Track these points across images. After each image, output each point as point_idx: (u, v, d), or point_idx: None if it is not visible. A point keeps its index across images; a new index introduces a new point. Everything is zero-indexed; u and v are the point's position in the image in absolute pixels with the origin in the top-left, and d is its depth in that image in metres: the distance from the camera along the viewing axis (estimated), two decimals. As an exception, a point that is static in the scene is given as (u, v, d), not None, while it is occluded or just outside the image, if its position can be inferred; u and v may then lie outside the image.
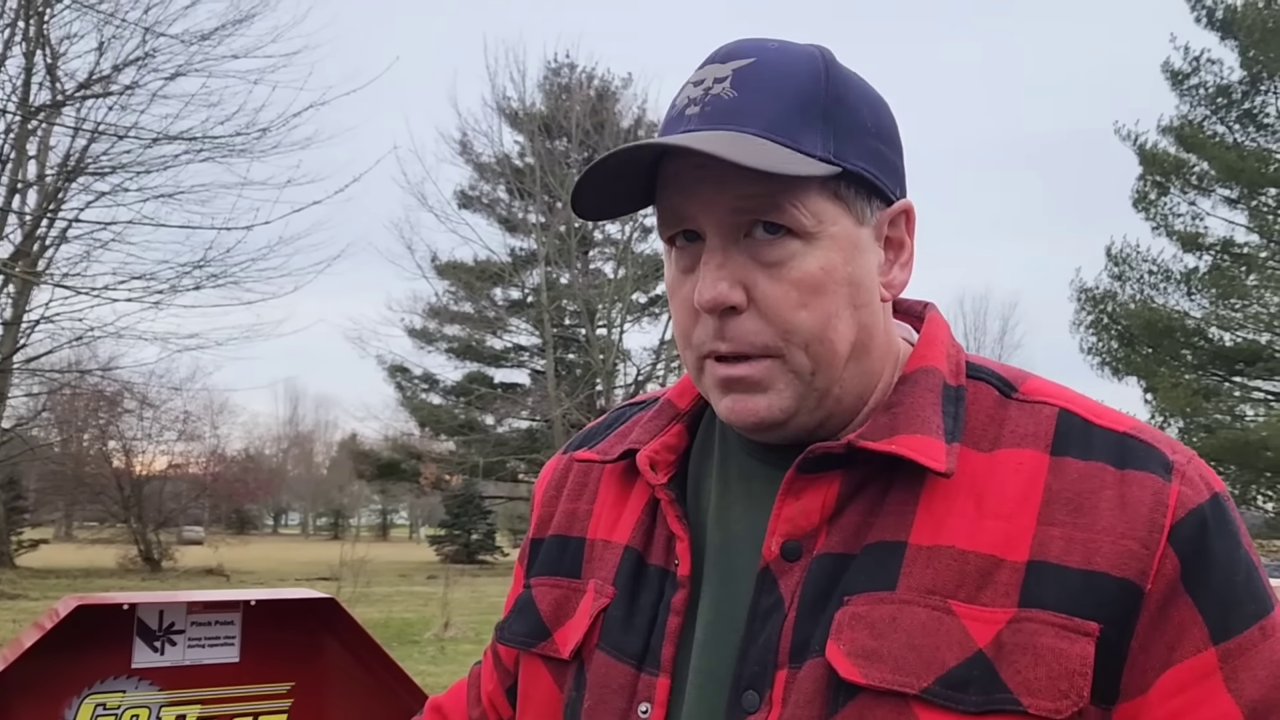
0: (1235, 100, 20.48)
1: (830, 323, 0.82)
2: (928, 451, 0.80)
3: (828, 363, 0.83)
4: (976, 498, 0.80)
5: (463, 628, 12.29)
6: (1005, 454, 0.82)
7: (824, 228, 0.82)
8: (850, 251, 0.83)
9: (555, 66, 29.57)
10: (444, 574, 16.61)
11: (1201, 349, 20.76)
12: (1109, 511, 0.77)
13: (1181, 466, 0.80)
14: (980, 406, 0.85)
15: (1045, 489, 0.79)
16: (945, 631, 0.76)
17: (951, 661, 0.75)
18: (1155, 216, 21.12)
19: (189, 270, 15.14)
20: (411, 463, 31.14)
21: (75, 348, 17.26)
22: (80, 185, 15.23)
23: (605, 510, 0.98)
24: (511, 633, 0.99)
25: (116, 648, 2.00)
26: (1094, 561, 0.76)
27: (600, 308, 28.14)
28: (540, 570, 1.00)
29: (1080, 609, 0.75)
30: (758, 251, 0.82)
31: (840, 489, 0.83)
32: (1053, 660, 0.74)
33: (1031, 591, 0.76)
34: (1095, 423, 0.83)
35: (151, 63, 14.55)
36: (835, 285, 0.82)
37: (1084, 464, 0.80)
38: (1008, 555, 0.77)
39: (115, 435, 26.01)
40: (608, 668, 0.88)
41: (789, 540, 0.83)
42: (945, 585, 0.77)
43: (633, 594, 0.90)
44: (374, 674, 2.19)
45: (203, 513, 36.37)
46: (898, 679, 0.75)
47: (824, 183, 0.82)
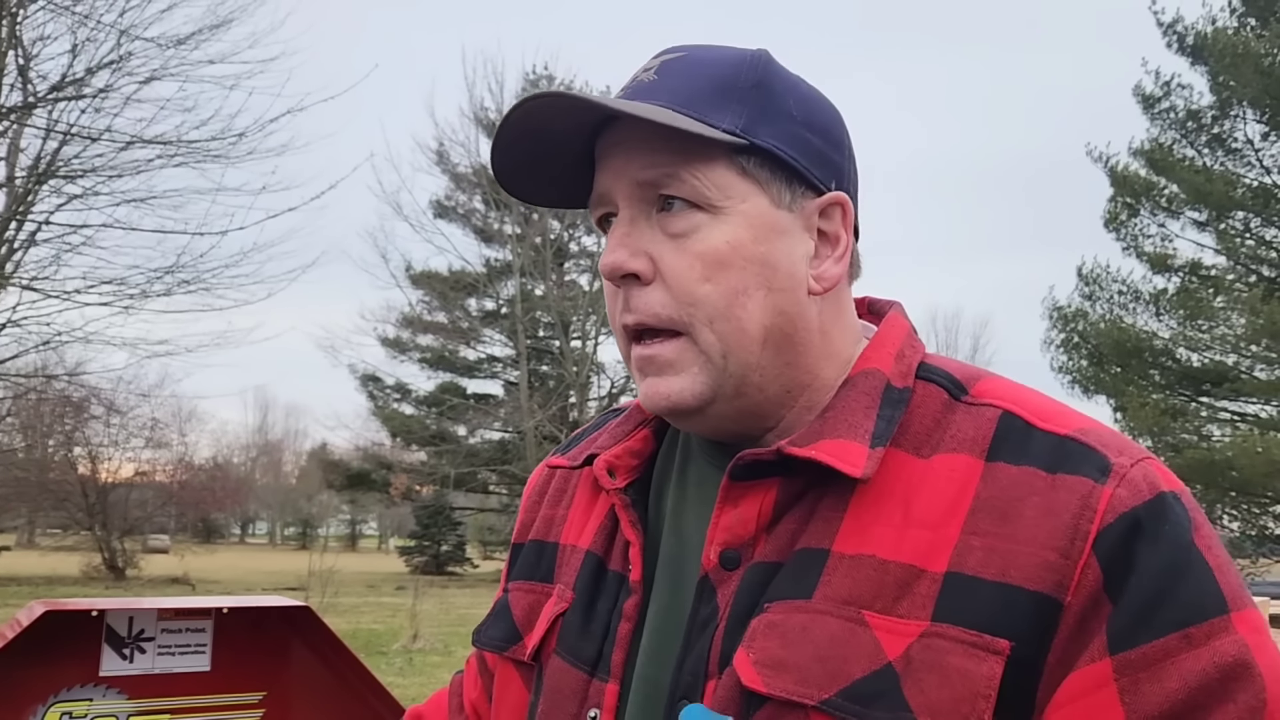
0: (1205, 125, 20.78)
1: (736, 299, 0.81)
2: (846, 456, 0.79)
3: (737, 343, 0.82)
4: (906, 505, 0.78)
5: (431, 639, 12.19)
6: (941, 460, 0.79)
7: (732, 203, 0.81)
8: (763, 231, 0.82)
9: (534, 78, 29.60)
10: (413, 585, 16.49)
11: (1169, 369, 21.00)
12: (1032, 520, 0.74)
13: (1123, 469, 0.75)
14: (926, 410, 0.83)
15: (975, 497, 0.76)
16: (856, 643, 0.74)
17: (857, 674, 0.73)
18: (1125, 237, 21.38)
19: (160, 275, 15.05)
20: (382, 473, 30.94)
21: (42, 352, 17.01)
22: (51, 188, 15.06)
23: (577, 515, 0.98)
24: (487, 637, 1.00)
25: (84, 655, 1.97)
26: (1009, 574, 0.73)
27: (575, 320, 28.13)
28: (518, 575, 1.01)
29: (992, 625, 0.72)
30: (665, 223, 0.82)
31: (778, 496, 0.81)
32: (959, 681, 0.71)
33: (945, 605, 0.73)
34: (1037, 426, 0.79)
35: (126, 66, 14.45)
36: (743, 262, 0.81)
37: (1016, 470, 0.77)
38: (928, 566, 0.75)
39: (81, 441, 25.68)
40: (561, 673, 0.89)
41: (727, 549, 0.82)
42: (862, 595, 0.76)
43: (590, 599, 0.90)
44: (347, 683, 2.17)
45: (169, 521, 35.90)
46: (799, 690, 0.74)
47: (731, 158, 0.81)
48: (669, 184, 0.81)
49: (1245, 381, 19.84)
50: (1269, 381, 19.59)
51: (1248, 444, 18.06)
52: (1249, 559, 20.76)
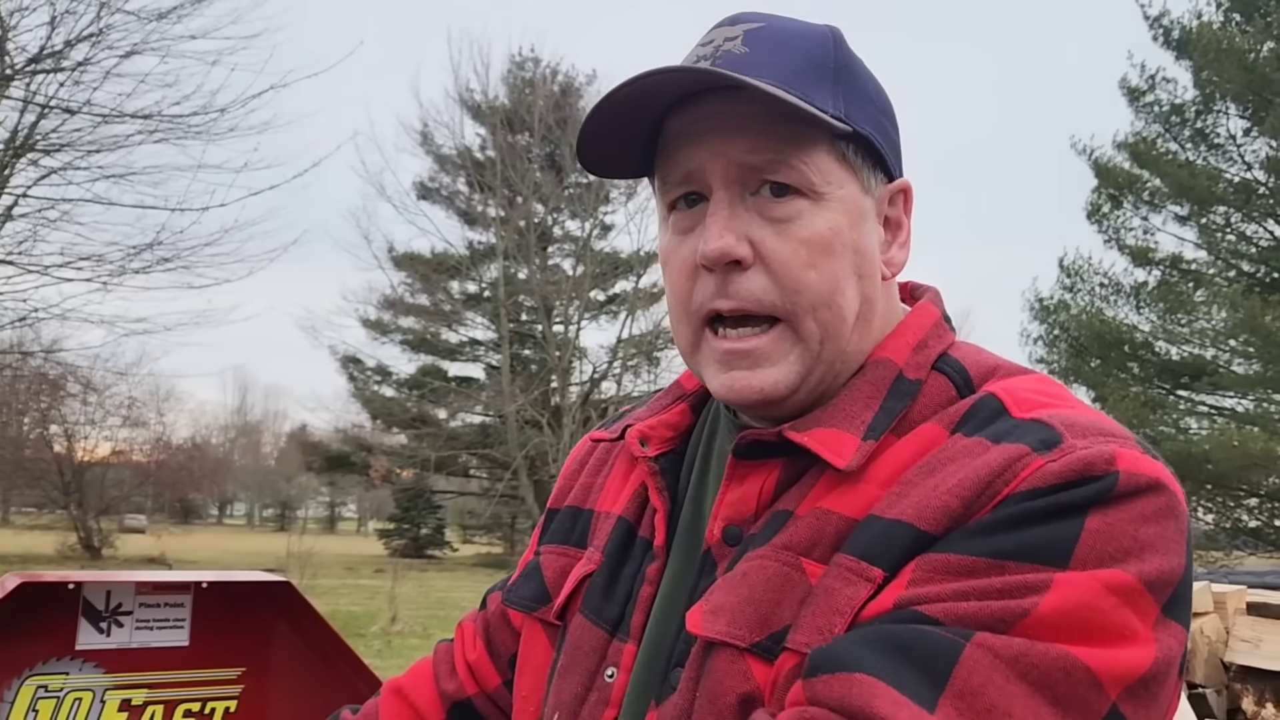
0: (1188, 119, 20.91)
1: (839, 286, 0.81)
2: (836, 447, 0.79)
3: (835, 331, 0.82)
4: (872, 479, 0.79)
5: (410, 622, 12.19)
6: (917, 430, 0.80)
7: (832, 189, 0.81)
8: (856, 218, 0.82)
9: (519, 60, 29.50)
10: (392, 568, 16.48)
11: (1149, 362, 21.17)
12: (951, 473, 0.74)
13: (1073, 448, 0.72)
14: (931, 401, 0.83)
15: (924, 459, 0.77)
16: (790, 587, 0.76)
17: (787, 619, 0.75)
18: (1108, 230, 21.52)
19: (139, 252, 14.91)
20: (362, 455, 30.87)
21: (18, 328, 16.87)
22: (29, 161, 14.89)
23: (613, 484, 1.00)
24: (517, 596, 1.01)
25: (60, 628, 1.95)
26: (905, 513, 0.74)
27: (558, 304, 28.08)
28: (551, 539, 1.03)
29: (871, 556, 0.73)
30: (765, 208, 0.80)
31: (780, 476, 0.82)
32: (825, 599, 0.73)
33: (850, 542, 0.75)
34: (1010, 410, 0.78)
35: (106, 39, 14.29)
36: (842, 249, 0.81)
37: (968, 439, 0.77)
38: (859, 515, 0.77)
39: (57, 419, 25.49)
40: (583, 631, 0.91)
41: (730, 525, 0.83)
42: (801, 543, 0.77)
43: (618, 563, 0.92)
44: (328, 661, 2.15)
45: (146, 501, 35.74)
46: (731, 631, 0.76)
47: (832, 143, 0.81)
48: (777, 169, 0.80)
49: (1223, 375, 20.03)
50: (1246, 376, 19.78)
51: (1224, 437, 18.25)
52: (1223, 551, 20.99)
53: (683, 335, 0.86)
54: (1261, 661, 5.13)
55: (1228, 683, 5.21)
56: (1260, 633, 5.19)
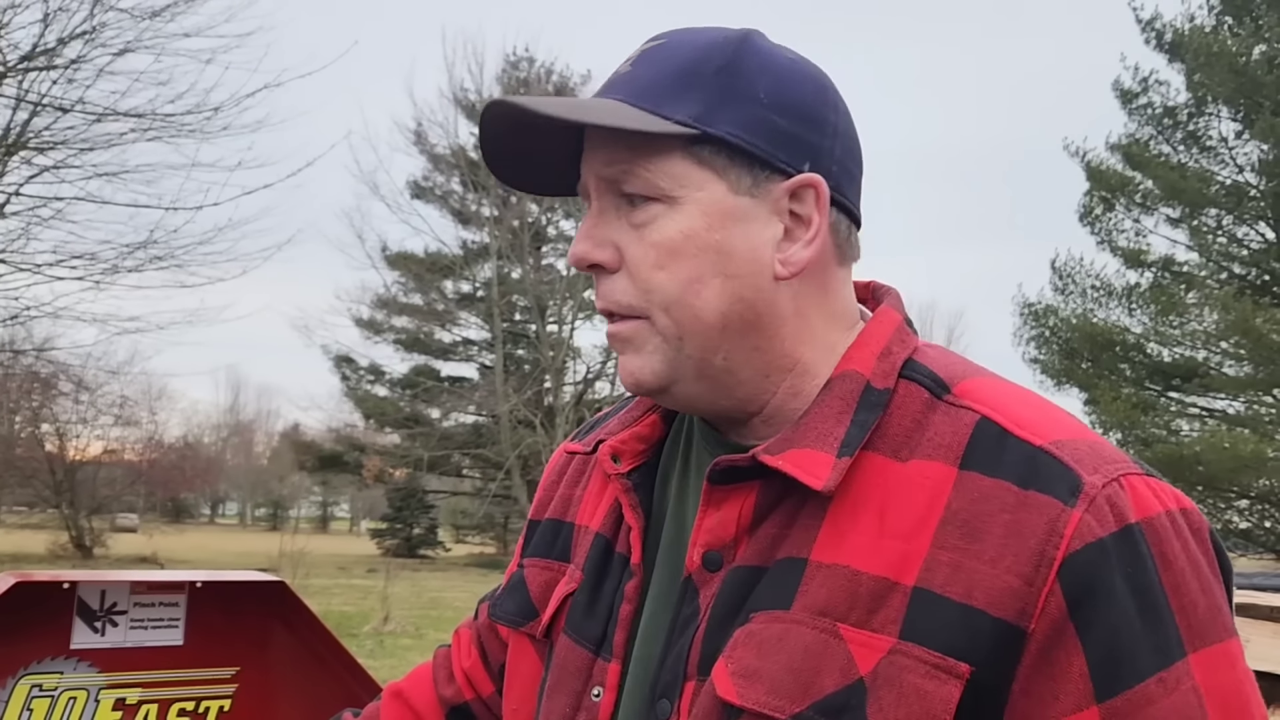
0: (1180, 121, 20.98)
1: (691, 287, 0.82)
2: (810, 468, 0.78)
3: (691, 329, 0.82)
4: (880, 514, 0.77)
5: (402, 622, 12.18)
6: (916, 465, 0.78)
7: (687, 192, 0.81)
8: (718, 219, 0.82)
9: (514, 60, 29.49)
10: (384, 568, 16.47)
11: (1140, 364, 21.25)
12: (998, 539, 0.73)
13: (1093, 491, 0.73)
14: (906, 411, 0.81)
15: (945, 507, 0.75)
16: (829, 655, 0.74)
17: (830, 688, 0.73)
18: (1100, 232, 21.59)
19: (132, 251, 14.86)
20: (354, 455, 30.84)
21: (9, 327, 16.80)
22: (21, 159, 14.85)
23: (590, 497, 0.99)
24: (503, 610, 1.02)
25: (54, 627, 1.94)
26: (974, 596, 0.72)
27: (551, 304, 28.08)
28: (534, 551, 1.03)
29: (954, 648, 0.72)
30: (630, 215, 0.84)
31: (758, 500, 0.81)
32: (915, 701, 0.71)
33: (912, 622, 0.73)
34: (1014, 433, 0.77)
35: (99, 37, 14.22)
36: (696, 250, 0.82)
37: (989, 482, 0.75)
38: (900, 579, 0.74)
39: (49, 418, 25.40)
40: (568, 651, 0.91)
41: (710, 551, 0.82)
42: (837, 607, 0.75)
43: (598, 580, 0.92)
44: (323, 661, 2.15)
45: (138, 500, 35.66)
46: (771, 702, 0.74)
47: (686, 148, 0.81)
48: (626, 180, 0.83)
49: (1214, 377, 20.11)
50: (1237, 378, 19.87)
51: (1215, 439, 18.33)
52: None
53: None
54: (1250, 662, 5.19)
55: (1216, 684, 5.26)
56: (1248, 634, 5.25)
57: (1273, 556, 20.45)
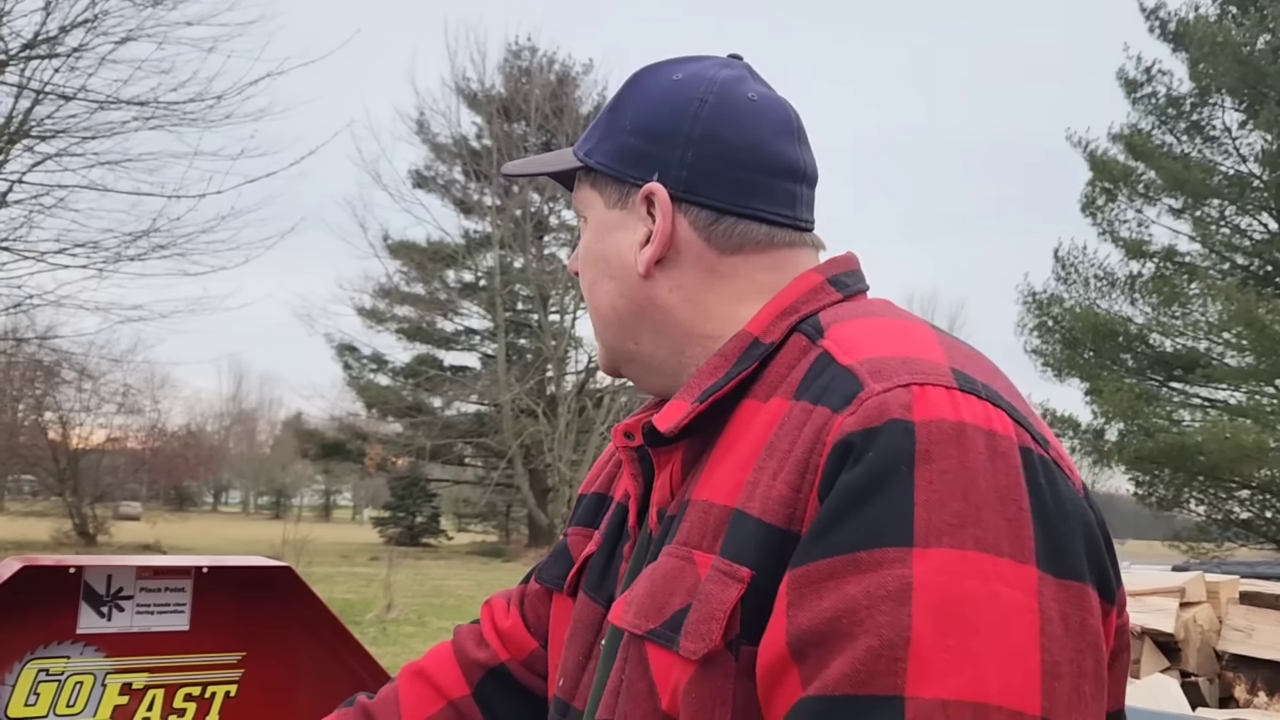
0: (1184, 112, 20.93)
1: (591, 290, 1.00)
2: (669, 415, 0.88)
3: (599, 323, 1.01)
4: (737, 451, 0.84)
5: (405, 609, 12.21)
6: (771, 404, 0.84)
7: (590, 213, 1.00)
8: (600, 231, 0.98)
9: (516, 49, 29.41)
10: (387, 556, 16.49)
11: (1142, 354, 21.23)
12: (781, 454, 0.78)
13: (867, 396, 0.74)
14: (785, 359, 0.87)
15: (771, 435, 0.81)
16: (683, 579, 0.81)
17: (677, 605, 0.80)
18: (1102, 222, 21.55)
19: (135, 239, 14.86)
20: (357, 443, 30.83)
21: (12, 315, 16.81)
22: (24, 147, 14.83)
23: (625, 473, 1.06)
24: (548, 575, 1.14)
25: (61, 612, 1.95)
26: (752, 506, 0.78)
27: (553, 294, 28.06)
28: (578, 521, 1.14)
29: (740, 556, 0.78)
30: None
31: (683, 457, 0.90)
32: (705, 604, 0.78)
33: (726, 539, 0.80)
34: (836, 359, 0.81)
35: (101, 25, 14.20)
36: (590, 259, 1.00)
37: (799, 405, 0.80)
38: (731, 503, 0.81)
39: (52, 406, 25.43)
40: (584, 606, 1.02)
41: (661, 508, 0.92)
42: (693, 537, 0.83)
43: (614, 544, 1.03)
44: (328, 646, 2.16)
45: (141, 488, 35.68)
46: (635, 621, 0.83)
47: (583, 177, 1.00)
48: (577, 208, 1.03)
49: (1216, 368, 20.08)
50: (1239, 369, 19.84)
51: (1217, 429, 18.32)
52: (1215, 543, 21.08)
53: None
54: (1254, 650, 5.15)
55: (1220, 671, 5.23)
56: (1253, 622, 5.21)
57: (1274, 547, 20.45)
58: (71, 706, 1.96)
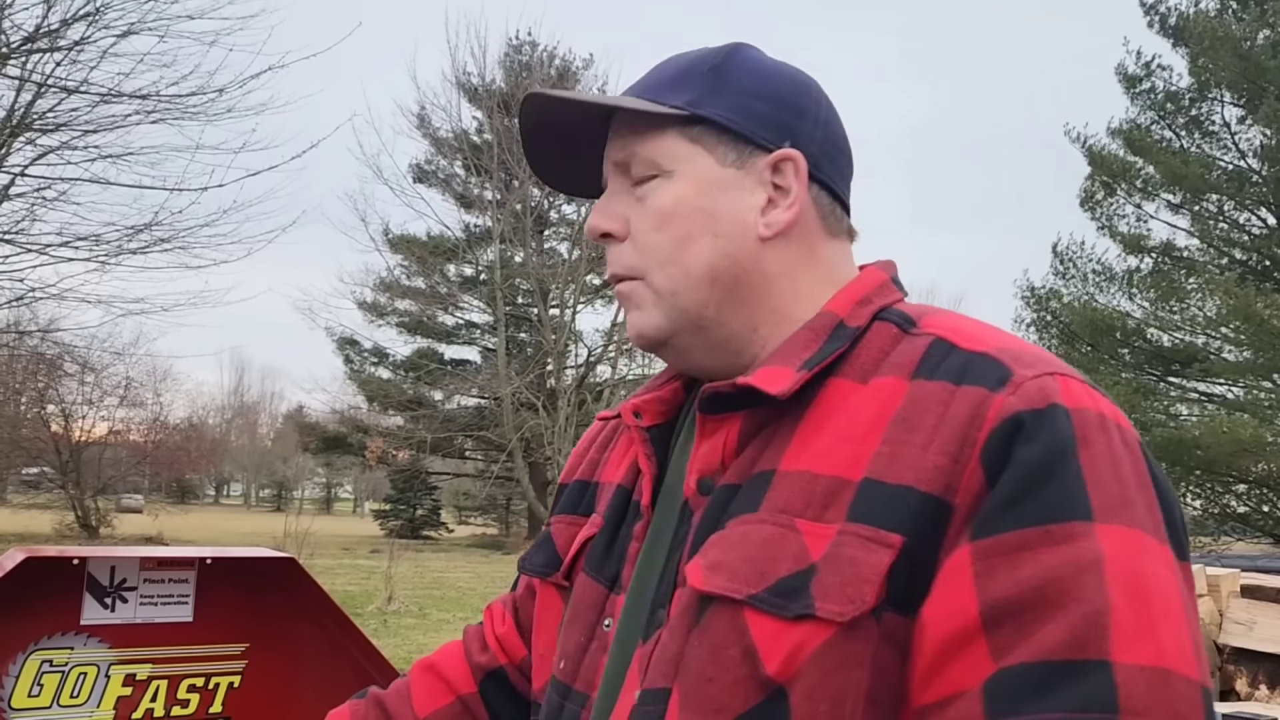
0: (1183, 106, 20.87)
1: (683, 245, 0.93)
2: (772, 379, 0.87)
3: (683, 283, 0.93)
4: (841, 425, 0.85)
5: (406, 602, 12.23)
6: (876, 383, 0.86)
7: (681, 165, 0.93)
8: (706, 186, 0.93)
9: (517, 44, 29.34)
10: (388, 548, 16.51)
11: (1140, 349, 21.19)
12: (930, 427, 0.80)
13: (1022, 379, 0.79)
14: (876, 343, 0.89)
15: (895, 411, 0.82)
16: (785, 545, 0.81)
17: (783, 572, 0.80)
18: (1101, 217, 21.50)
19: (136, 232, 14.85)
20: (358, 437, 30.80)
21: (14, 308, 16.82)
22: (25, 140, 14.82)
23: (615, 458, 1.09)
24: (532, 564, 1.11)
25: (65, 603, 1.95)
26: (904, 476, 0.79)
27: (554, 288, 28.01)
28: (561, 510, 1.13)
29: (886, 522, 0.78)
30: (635, 193, 0.96)
31: (742, 427, 0.90)
32: (849, 568, 0.77)
33: (855, 508, 0.80)
34: (960, 345, 0.84)
35: (102, 18, 14.15)
36: (687, 212, 0.93)
37: (930, 384, 0.82)
38: (850, 476, 0.81)
39: (54, 399, 25.41)
40: (585, 588, 1.00)
41: (703, 477, 0.91)
42: (794, 505, 0.82)
43: (616, 525, 1.01)
44: (332, 637, 2.17)
45: (143, 481, 35.66)
46: (730, 585, 0.81)
47: (680, 129, 0.94)
48: (633, 161, 0.95)
49: (1214, 363, 20.05)
50: (1237, 363, 19.82)
51: (1214, 424, 18.29)
52: (1211, 537, 21.06)
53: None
54: (1255, 644, 5.13)
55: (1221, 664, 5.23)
56: (1254, 615, 5.19)
57: (1271, 541, 20.46)
58: (75, 698, 1.97)
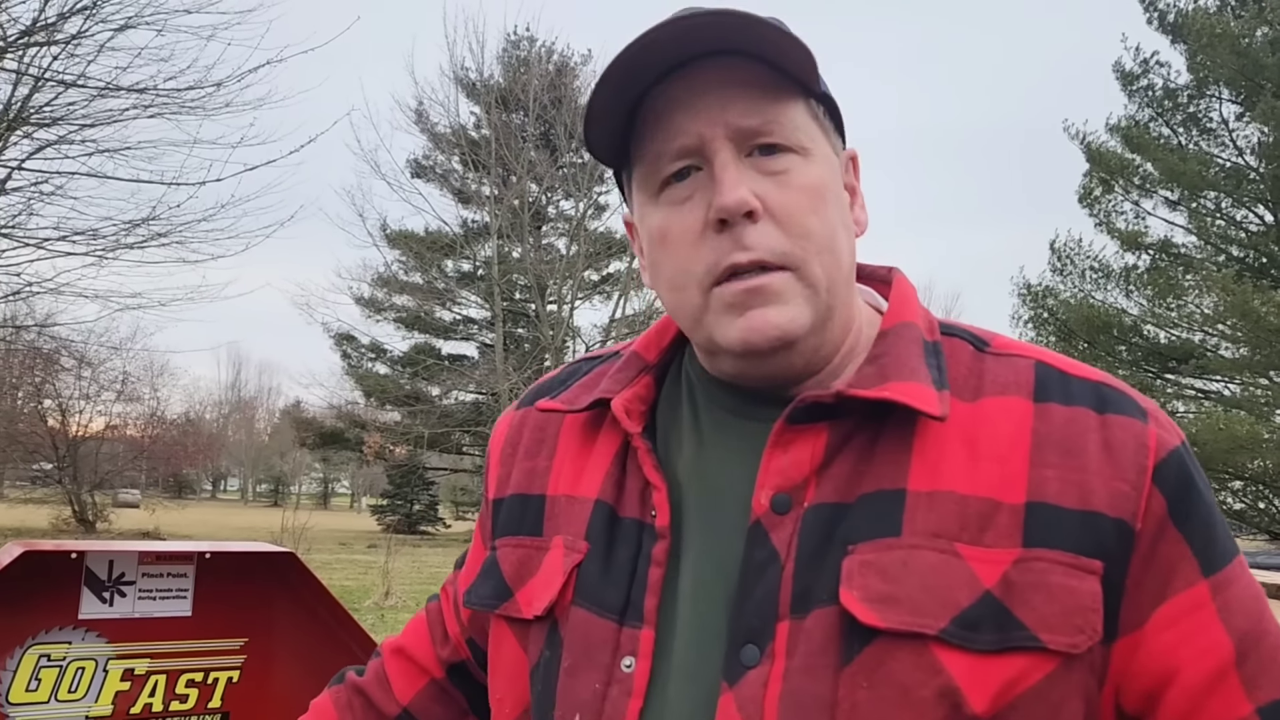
0: (1181, 104, 20.86)
1: (836, 232, 0.84)
2: (920, 397, 0.81)
3: (834, 277, 0.84)
4: (969, 443, 0.81)
5: (403, 596, 12.24)
6: (991, 402, 0.83)
7: (815, 145, 0.85)
8: (834, 173, 0.87)
9: (515, 39, 29.31)
10: (385, 543, 16.50)
11: (1137, 346, 21.20)
12: (1097, 453, 0.80)
13: (1154, 413, 0.83)
14: (959, 360, 0.86)
15: (1033, 433, 0.81)
16: (954, 572, 0.76)
17: (965, 602, 0.75)
18: (1099, 214, 21.49)
19: (134, 227, 14.82)
20: (355, 432, 30.80)
21: (11, 303, 16.79)
22: (22, 134, 14.78)
23: (566, 464, 0.95)
24: (477, 596, 0.96)
25: (63, 597, 1.94)
26: (1090, 502, 0.78)
27: (551, 283, 28.00)
28: (503, 531, 0.98)
29: (1083, 548, 0.77)
30: (761, 165, 0.83)
31: (829, 439, 0.82)
32: (1066, 597, 0.76)
33: (1035, 532, 0.77)
34: (1070, 373, 0.86)
35: (100, 12, 14.12)
36: (833, 198, 0.85)
37: (1068, 409, 0.82)
38: (1005, 498, 0.78)
39: (51, 394, 25.40)
40: (587, 624, 0.85)
41: (779, 493, 0.81)
42: (949, 529, 0.78)
43: (608, 548, 0.88)
44: (330, 631, 2.16)
45: (139, 476, 35.65)
46: (916, 620, 0.75)
47: (808, 103, 0.85)
48: (771, 130, 0.82)
49: (1211, 359, 20.06)
50: (1234, 360, 19.82)
51: (1211, 421, 18.29)
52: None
53: (690, 301, 0.85)
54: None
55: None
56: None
57: (1266, 538, 20.49)
58: (73, 692, 1.96)
